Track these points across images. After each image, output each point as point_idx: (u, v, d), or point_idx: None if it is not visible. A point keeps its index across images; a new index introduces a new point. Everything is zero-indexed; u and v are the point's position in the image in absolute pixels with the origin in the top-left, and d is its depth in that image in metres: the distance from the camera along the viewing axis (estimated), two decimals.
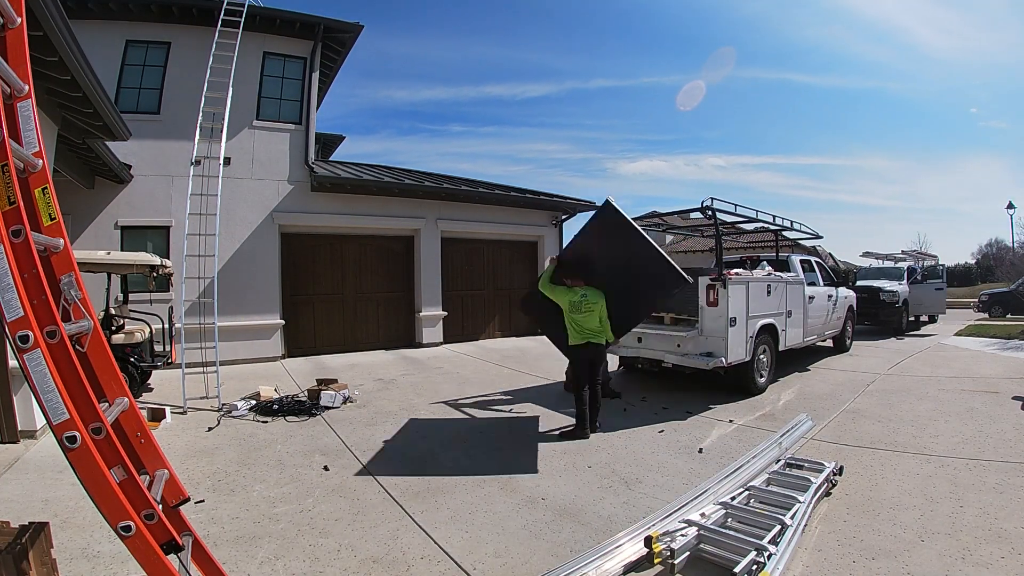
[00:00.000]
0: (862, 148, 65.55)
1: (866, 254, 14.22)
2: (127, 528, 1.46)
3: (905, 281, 12.08)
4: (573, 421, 4.66)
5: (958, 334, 10.99)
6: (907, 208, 56.42)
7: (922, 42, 67.92)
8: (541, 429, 4.79)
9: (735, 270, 6.01)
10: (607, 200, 4.76)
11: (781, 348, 6.55)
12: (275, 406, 5.42)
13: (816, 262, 8.62)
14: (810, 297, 7.36)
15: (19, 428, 4.31)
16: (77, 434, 1.44)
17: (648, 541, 2.42)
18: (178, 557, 1.62)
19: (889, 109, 67.94)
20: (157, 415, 4.95)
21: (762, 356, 6.14)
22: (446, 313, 10.54)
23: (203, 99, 6.61)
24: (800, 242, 9.95)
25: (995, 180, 54.38)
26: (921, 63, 69.78)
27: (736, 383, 5.90)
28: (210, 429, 4.83)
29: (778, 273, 6.73)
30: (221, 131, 6.63)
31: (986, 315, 15.73)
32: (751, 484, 3.13)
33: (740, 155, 68.61)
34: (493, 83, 64.12)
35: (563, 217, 12.32)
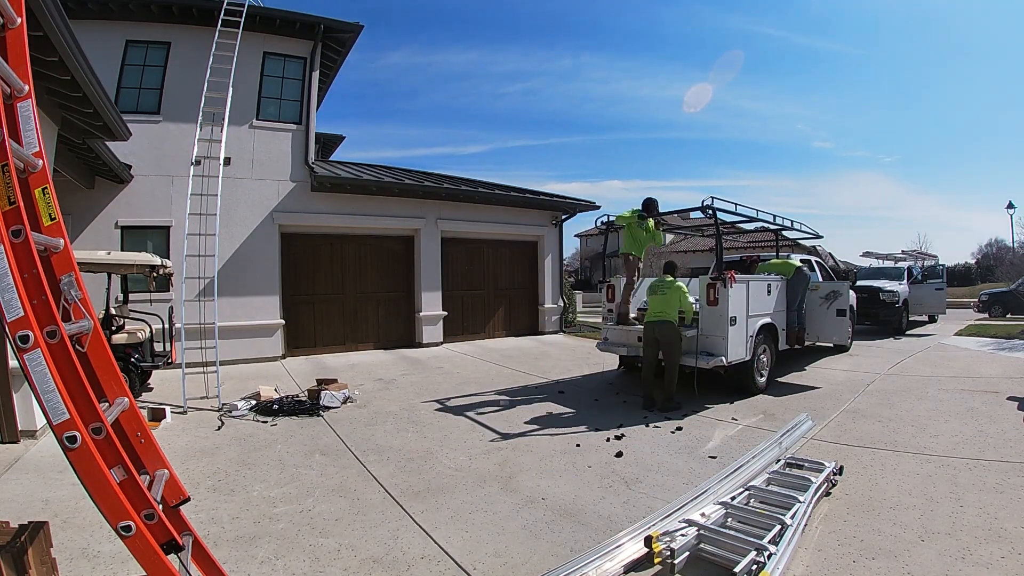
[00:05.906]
0: (737, 173, 71.47)
1: (866, 254, 14.23)
2: (127, 528, 1.46)
3: (905, 281, 12.08)
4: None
5: (958, 334, 10.97)
6: (826, 215, 61.43)
7: (735, 104, 77.25)
8: (541, 424, 4.80)
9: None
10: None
11: (781, 347, 6.55)
12: (275, 406, 5.42)
13: (816, 262, 8.62)
14: None
15: (19, 428, 4.31)
16: (77, 434, 1.44)
17: (648, 541, 2.42)
18: (178, 557, 1.62)
19: (735, 149, 76.45)
20: (157, 415, 4.95)
21: (762, 355, 6.14)
22: (446, 313, 10.54)
23: (203, 99, 6.62)
24: (800, 242, 9.93)
25: (891, 190, 60.68)
26: (741, 118, 79.08)
27: (736, 382, 5.90)
28: (219, 429, 4.84)
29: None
30: (221, 131, 6.64)
31: (986, 315, 15.68)
32: (751, 484, 3.13)
33: (638, 180, 78.31)
34: (440, 146, 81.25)
35: (563, 217, 12.33)
